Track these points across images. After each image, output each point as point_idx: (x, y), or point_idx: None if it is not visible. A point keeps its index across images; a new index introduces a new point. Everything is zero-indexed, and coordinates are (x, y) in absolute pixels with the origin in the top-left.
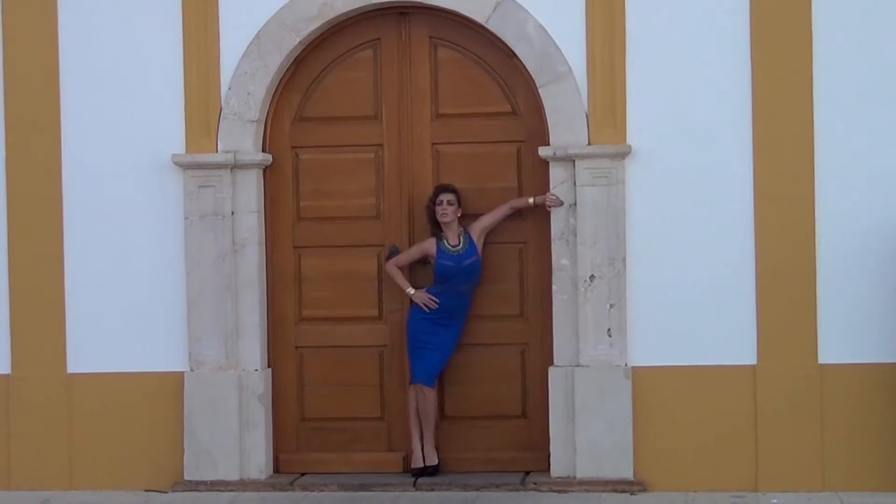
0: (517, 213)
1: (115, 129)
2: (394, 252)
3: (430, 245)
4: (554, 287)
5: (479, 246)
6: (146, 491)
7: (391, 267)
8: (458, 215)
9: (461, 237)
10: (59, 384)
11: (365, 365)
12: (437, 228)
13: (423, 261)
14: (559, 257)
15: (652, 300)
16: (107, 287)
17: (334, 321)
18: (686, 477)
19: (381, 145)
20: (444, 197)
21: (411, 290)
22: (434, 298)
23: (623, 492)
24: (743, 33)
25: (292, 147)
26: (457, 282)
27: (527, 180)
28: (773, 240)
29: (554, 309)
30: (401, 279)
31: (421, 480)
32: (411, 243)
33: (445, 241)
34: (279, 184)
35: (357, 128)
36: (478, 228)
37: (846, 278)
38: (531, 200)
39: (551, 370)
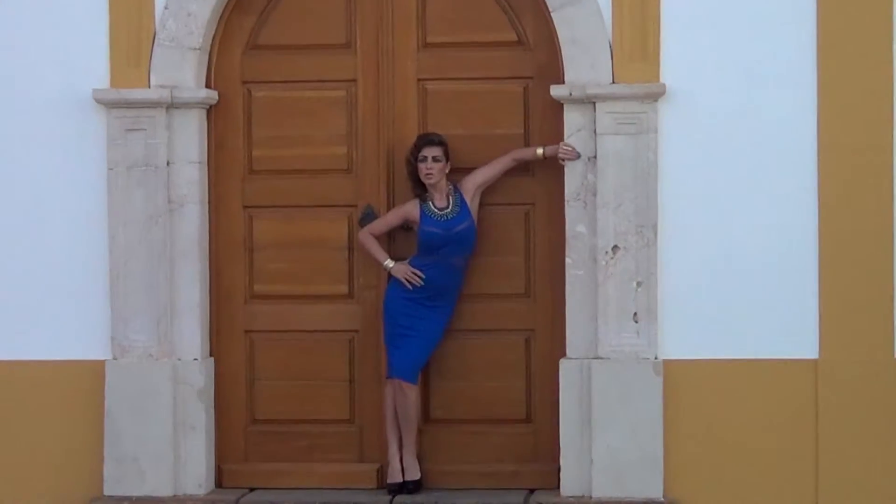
0: (522, 167)
1: (21, 57)
2: (368, 215)
3: (412, 208)
4: (567, 260)
5: (474, 208)
6: None
7: (365, 236)
8: (447, 171)
9: (450, 197)
10: None
11: (331, 355)
12: (420, 188)
13: (405, 226)
14: (574, 223)
15: (689, 278)
16: (8, 254)
17: (293, 300)
18: (728, 496)
19: (354, 81)
20: (429, 152)
21: (390, 263)
22: (418, 273)
23: None
24: None
25: (244, 82)
26: (446, 253)
27: (535, 127)
28: (841, 206)
29: (567, 287)
30: (377, 250)
31: (399, 499)
32: (390, 204)
33: (431, 203)
34: (227, 128)
35: (325, 59)
36: (471, 186)
37: None
38: (540, 151)
39: (563, 363)
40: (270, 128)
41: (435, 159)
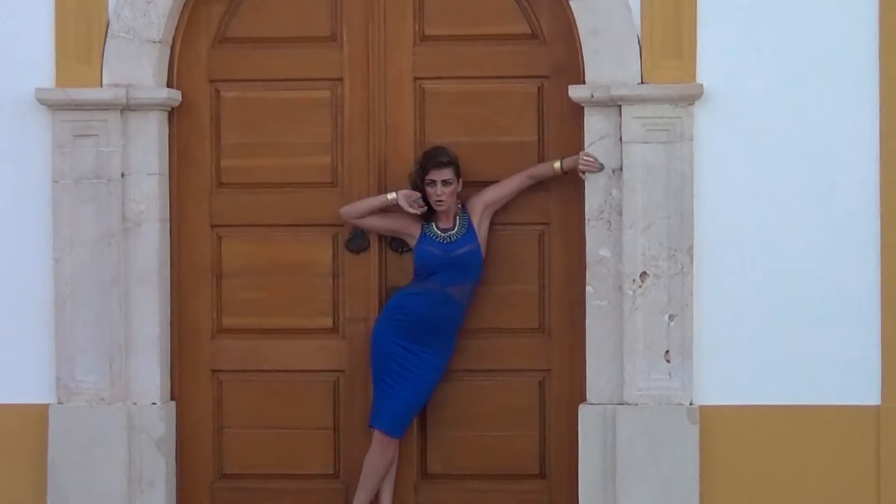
0: (537, 183)
1: None
2: (357, 237)
3: (412, 221)
4: (588, 289)
5: (482, 231)
6: None
7: (351, 205)
8: (459, 189)
9: (457, 218)
10: None
11: (313, 399)
12: (428, 210)
13: (399, 247)
14: (596, 246)
15: (730, 310)
16: None
17: (269, 334)
18: None
19: (339, 80)
20: (438, 175)
21: (392, 194)
22: (419, 202)
23: None
24: None
25: (211, 81)
26: (444, 279)
27: (551, 134)
28: None
29: (588, 321)
30: (369, 199)
31: None
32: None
33: (434, 225)
34: (192, 134)
35: (306, 54)
36: (479, 205)
37: None
38: (557, 165)
39: (583, 409)
40: (242, 134)
41: (445, 183)
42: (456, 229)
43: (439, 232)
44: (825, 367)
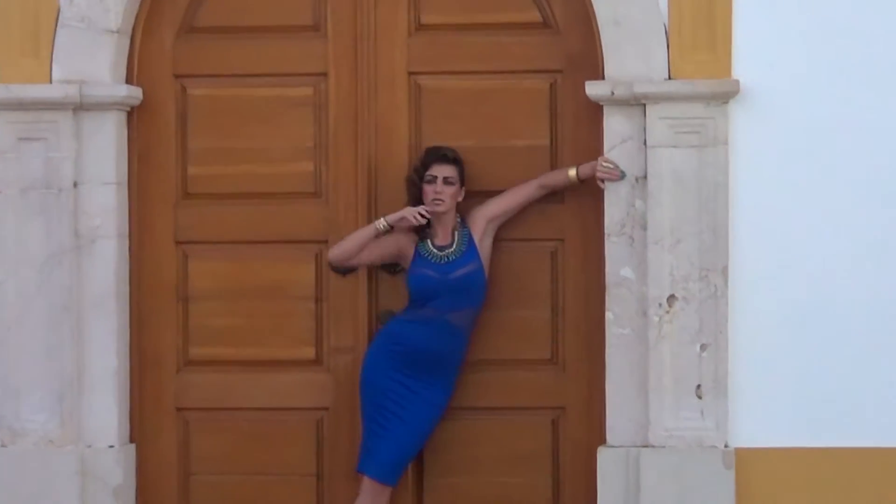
0: (550, 193)
1: None
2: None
3: (406, 241)
4: (608, 315)
5: (485, 249)
6: None
7: (339, 244)
8: (460, 199)
9: (455, 233)
10: None
11: (293, 441)
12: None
13: (393, 268)
14: (617, 265)
15: (769, 339)
16: None
17: (242, 367)
18: None
19: (324, 75)
20: (440, 171)
21: (382, 221)
22: (424, 211)
23: None
24: None
25: (177, 76)
26: (442, 305)
27: (566, 136)
28: None
29: (608, 351)
30: (357, 232)
31: None
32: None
33: (429, 242)
34: (154, 137)
35: (285, 46)
36: (481, 218)
37: None
38: (573, 172)
39: (602, 452)
40: (212, 137)
41: (447, 181)
42: (454, 247)
43: (435, 250)
44: (877, 406)
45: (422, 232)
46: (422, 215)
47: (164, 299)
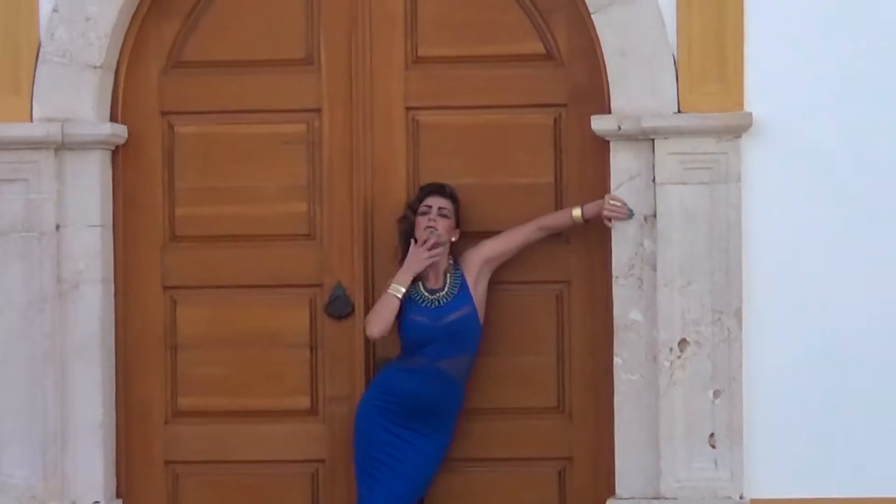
0: (553, 234)
1: None
2: (338, 299)
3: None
4: (616, 360)
5: (479, 292)
6: None
7: (370, 321)
8: (454, 239)
9: (448, 275)
10: None
11: (287, 495)
12: (411, 241)
13: None
14: (626, 308)
15: (787, 384)
16: None
17: (234, 418)
18: None
19: (317, 111)
20: (435, 202)
21: (398, 287)
22: (425, 247)
23: None
24: None
25: (164, 113)
26: (434, 352)
27: (571, 173)
28: None
29: (616, 399)
30: (380, 306)
31: None
32: (368, 282)
33: (421, 284)
34: (141, 177)
35: (277, 81)
36: (476, 260)
37: None
38: (577, 213)
39: None
40: (201, 176)
41: (441, 213)
42: (446, 290)
43: (426, 294)
44: None
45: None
46: (428, 248)
47: (151, 347)
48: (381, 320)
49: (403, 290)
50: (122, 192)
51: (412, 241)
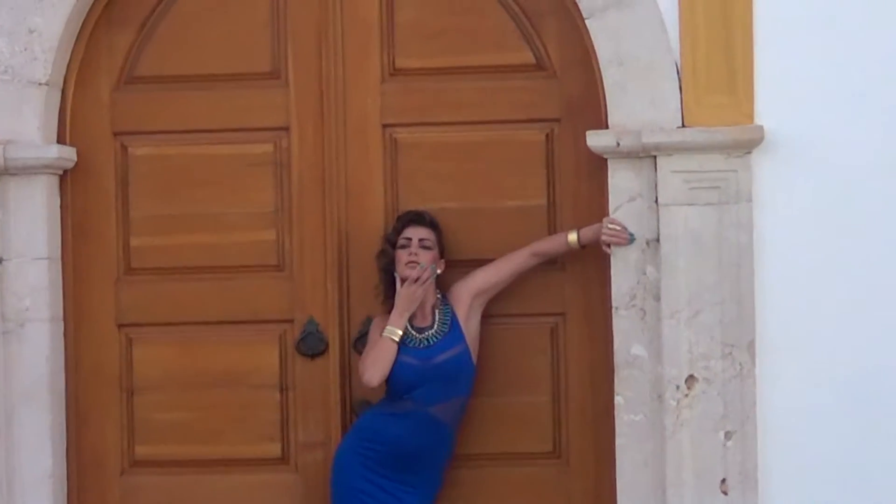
0: (547, 261)
1: None
2: (310, 336)
3: (383, 325)
4: (618, 399)
5: (472, 328)
6: None
7: (365, 366)
8: (440, 271)
9: (436, 312)
10: None
11: None
12: (395, 275)
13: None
14: (627, 342)
15: (806, 424)
16: None
17: (197, 468)
18: None
19: (285, 129)
20: (415, 233)
21: (394, 329)
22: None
23: None
24: None
25: (116, 134)
26: (424, 397)
27: (565, 195)
28: None
29: (618, 442)
30: (377, 350)
31: None
32: (343, 317)
33: (408, 324)
34: (91, 204)
35: (241, 96)
36: (466, 294)
37: None
38: (573, 237)
39: None
40: (158, 203)
41: (423, 245)
42: (436, 327)
43: (414, 333)
44: None
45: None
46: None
47: (105, 391)
48: (380, 367)
49: (400, 332)
50: (72, 220)
51: (396, 278)
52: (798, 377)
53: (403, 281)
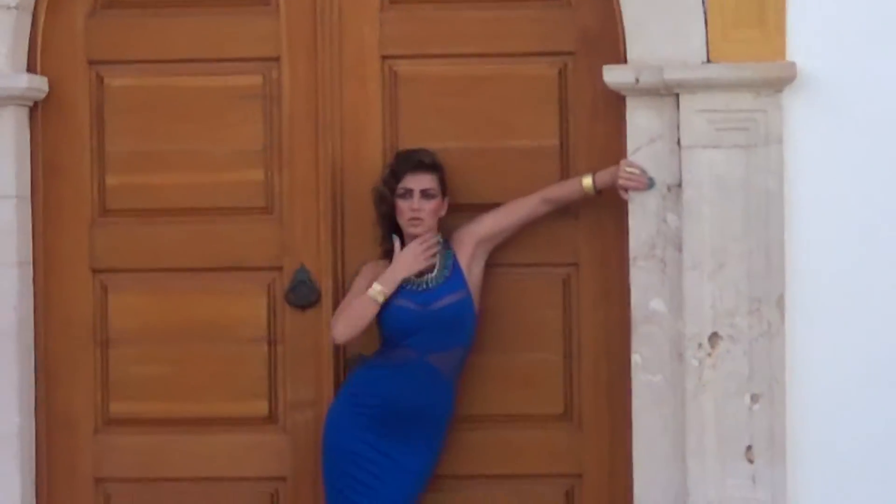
0: (560, 208)
1: None
2: (301, 285)
3: (374, 276)
4: (635, 358)
5: (475, 275)
6: None
7: (338, 319)
8: (442, 213)
9: (437, 256)
10: None
11: None
12: (394, 237)
13: None
14: (647, 297)
15: (839, 387)
16: None
17: (177, 427)
18: None
19: (275, 60)
20: (416, 183)
21: (377, 286)
22: (422, 249)
23: None
24: None
25: (92, 63)
26: (421, 345)
27: (579, 135)
28: None
29: (635, 404)
30: (353, 307)
31: None
32: (337, 267)
33: None
34: (64, 140)
35: (228, 24)
36: (471, 239)
37: None
38: (588, 181)
39: None
40: (136, 139)
41: (426, 195)
42: (436, 272)
43: (412, 276)
44: None
45: (393, 253)
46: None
47: (78, 343)
48: (351, 325)
49: (388, 294)
50: (43, 156)
51: (395, 240)
52: (831, 336)
53: (398, 227)
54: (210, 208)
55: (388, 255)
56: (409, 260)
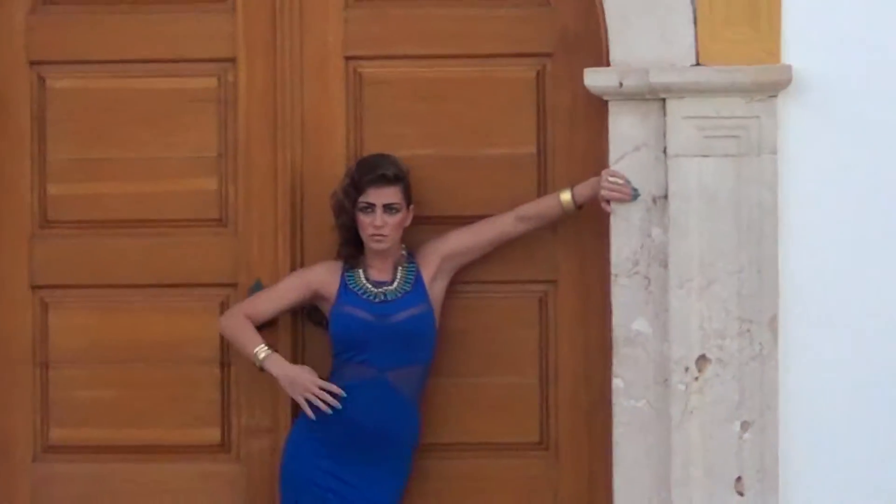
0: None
1: None
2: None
3: (324, 275)
4: (617, 382)
5: (436, 291)
6: None
7: (235, 317)
8: (407, 224)
9: (399, 269)
10: None
11: None
12: (352, 248)
13: (315, 316)
14: (629, 316)
15: (834, 415)
16: None
17: (122, 455)
18: None
19: (232, 61)
20: (378, 197)
21: (262, 351)
22: (332, 390)
23: None
24: None
25: (32, 63)
26: (377, 359)
27: (558, 142)
28: None
29: (616, 432)
30: (247, 334)
31: None
32: None
33: (361, 272)
34: (2, 145)
35: (180, 22)
36: (435, 256)
37: None
38: (566, 196)
39: None
40: (81, 145)
41: (389, 209)
42: (395, 285)
43: (370, 286)
44: None
45: (351, 259)
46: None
47: (15, 364)
48: (229, 337)
49: (265, 355)
50: None
51: (344, 249)
52: (827, 359)
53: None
54: (160, 220)
55: (342, 258)
56: (290, 388)
